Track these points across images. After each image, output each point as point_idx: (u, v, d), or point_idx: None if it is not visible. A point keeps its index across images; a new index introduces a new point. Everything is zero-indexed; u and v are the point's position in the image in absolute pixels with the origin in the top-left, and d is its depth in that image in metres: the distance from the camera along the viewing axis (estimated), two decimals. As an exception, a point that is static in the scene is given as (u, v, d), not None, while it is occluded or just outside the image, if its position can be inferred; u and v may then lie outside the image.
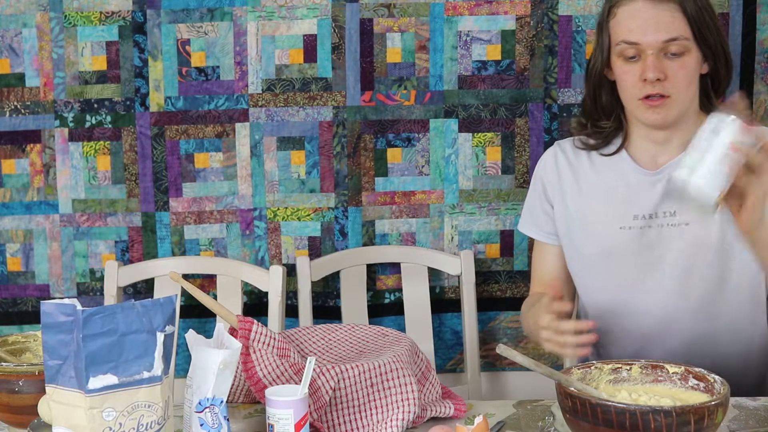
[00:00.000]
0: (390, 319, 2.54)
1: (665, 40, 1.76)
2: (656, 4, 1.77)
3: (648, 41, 1.76)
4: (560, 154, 1.99)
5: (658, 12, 1.77)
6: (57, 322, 1.24)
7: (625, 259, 1.87)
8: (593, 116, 1.93)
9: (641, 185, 1.87)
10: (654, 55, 1.76)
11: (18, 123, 2.47)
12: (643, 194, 1.87)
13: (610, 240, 1.88)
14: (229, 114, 2.47)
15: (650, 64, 1.76)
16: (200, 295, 1.57)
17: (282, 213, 2.51)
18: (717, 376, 1.48)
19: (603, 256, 1.89)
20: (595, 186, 1.93)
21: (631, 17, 1.78)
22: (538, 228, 2.03)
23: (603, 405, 1.36)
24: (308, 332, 1.76)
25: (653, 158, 1.88)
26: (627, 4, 1.80)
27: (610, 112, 1.92)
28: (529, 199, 2.06)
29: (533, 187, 2.04)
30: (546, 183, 2.00)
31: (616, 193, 1.89)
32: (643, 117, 1.81)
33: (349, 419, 1.57)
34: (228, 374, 1.41)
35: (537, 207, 2.02)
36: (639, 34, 1.77)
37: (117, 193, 2.49)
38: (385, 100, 2.47)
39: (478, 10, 2.45)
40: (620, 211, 1.87)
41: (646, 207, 1.86)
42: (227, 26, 2.44)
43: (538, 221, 2.03)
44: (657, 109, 1.79)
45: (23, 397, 1.52)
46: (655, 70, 1.75)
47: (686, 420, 1.33)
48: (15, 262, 2.52)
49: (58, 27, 2.44)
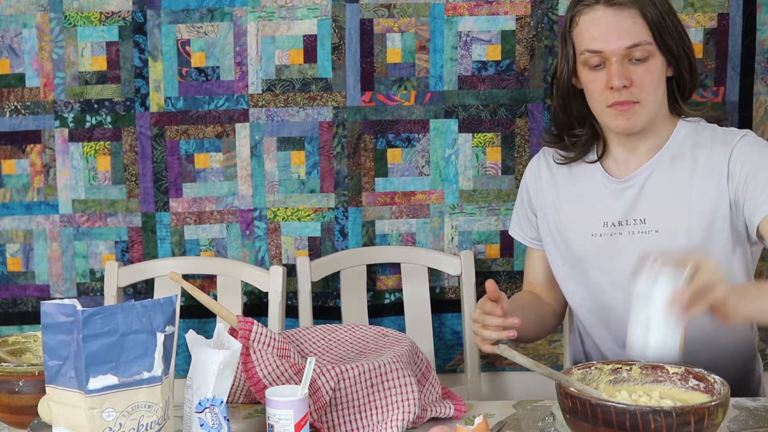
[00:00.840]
0: (390, 319, 2.54)
1: (628, 46, 1.76)
2: (617, 11, 1.77)
3: (611, 48, 1.76)
4: (543, 162, 2.02)
5: (619, 19, 1.76)
6: (57, 322, 1.24)
7: (598, 265, 1.89)
8: (567, 127, 1.94)
9: (611, 193, 1.89)
10: (618, 62, 1.76)
11: (18, 123, 2.47)
12: (612, 202, 1.88)
13: (582, 248, 1.90)
14: (229, 114, 2.47)
15: (615, 71, 1.76)
16: (200, 296, 1.57)
17: (282, 213, 2.51)
18: (717, 376, 1.48)
19: (577, 263, 1.92)
20: (570, 194, 1.95)
21: (593, 25, 1.78)
22: (524, 233, 2.07)
23: (603, 405, 1.36)
24: (308, 332, 1.77)
25: (625, 164, 1.89)
26: (587, 12, 1.79)
27: (583, 121, 1.92)
28: (517, 204, 2.09)
29: (519, 194, 2.08)
30: (530, 191, 2.03)
31: (588, 201, 1.91)
32: (613, 124, 1.81)
33: (349, 419, 1.57)
34: (228, 374, 1.41)
35: (521, 213, 2.07)
36: (602, 42, 1.77)
37: (117, 194, 2.49)
38: (385, 100, 2.47)
39: (478, 11, 2.45)
40: (592, 219, 1.89)
41: (615, 214, 1.87)
42: (227, 26, 2.44)
43: (523, 226, 2.07)
44: (626, 114, 1.79)
45: (23, 398, 1.52)
46: (621, 77, 1.76)
47: (686, 420, 1.33)
48: (15, 263, 2.52)
49: (58, 27, 2.44)
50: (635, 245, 1.82)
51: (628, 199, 1.87)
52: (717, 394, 1.44)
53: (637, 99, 1.78)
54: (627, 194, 1.87)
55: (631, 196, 1.86)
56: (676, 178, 1.84)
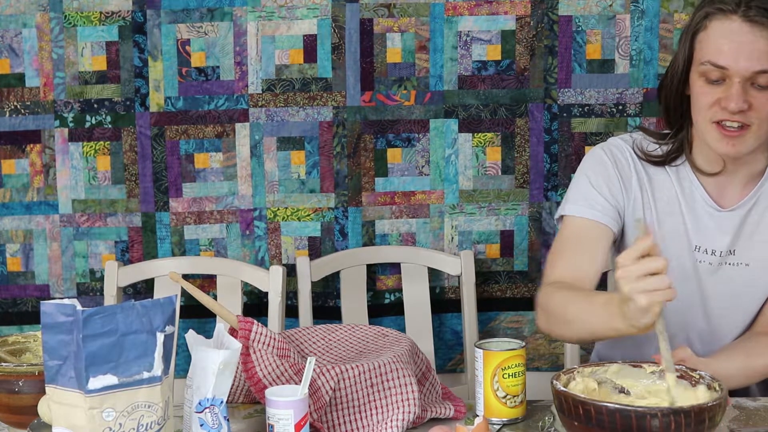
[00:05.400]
0: (390, 319, 2.54)
1: (757, 71, 1.60)
2: (753, 29, 1.60)
3: (738, 68, 1.60)
4: (633, 151, 1.81)
5: (756, 38, 1.60)
6: (57, 322, 1.24)
7: (685, 285, 1.76)
8: (673, 126, 1.78)
9: (711, 218, 1.76)
10: (741, 84, 1.61)
11: (18, 123, 2.47)
12: (711, 228, 1.76)
13: (679, 263, 1.75)
14: (229, 114, 2.47)
15: (736, 93, 1.60)
16: (200, 296, 1.57)
17: (282, 213, 2.51)
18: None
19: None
20: (667, 200, 1.79)
21: (724, 37, 1.62)
22: (593, 208, 1.77)
23: (601, 406, 1.35)
24: (308, 332, 1.76)
25: (719, 186, 1.77)
26: (721, 20, 1.62)
27: (677, 130, 1.78)
28: (593, 175, 1.79)
29: (599, 169, 1.80)
30: (620, 168, 1.79)
31: (686, 218, 1.78)
32: (715, 145, 1.67)
33: (349, 419, 1.57)
34: (228, 374, 1.41)
35: (602, 186, 1.78)
36: (729, 59, 1.60)
37: (117, 194, 2.49)
38: (385, 100, 2.47)
39: (478, 11, 2.45)
40: (683, 238, 1.77)
41: (709, 241, 1.76)
42: (227, 26, 2.44)
43: (596, 201, 1.77)
44: (733, 140, 1.64)
45: (23, 398, 1.51)
46: (740, 101, 1.60)
47: (686, 420, 1.33)
48: (15, 263, 2.52)
49: (58, 27, 2.44)
50: (719, 276, 1.76)
51: (726, 230, 1.75)
52: (717, 394, 1.44)
53: (750, 122, 1.63)
54: (726, 224, 1.75)
55: (730, 226, 1.75)
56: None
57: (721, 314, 1.80)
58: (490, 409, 1.57)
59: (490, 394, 1.57)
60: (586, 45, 2.45)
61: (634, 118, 2.46)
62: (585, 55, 2.46)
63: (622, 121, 2.46)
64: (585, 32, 2.45)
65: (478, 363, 1.58)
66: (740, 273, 1.77)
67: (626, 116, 2.46)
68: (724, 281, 1.78)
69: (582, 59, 2.46)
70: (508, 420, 1.58)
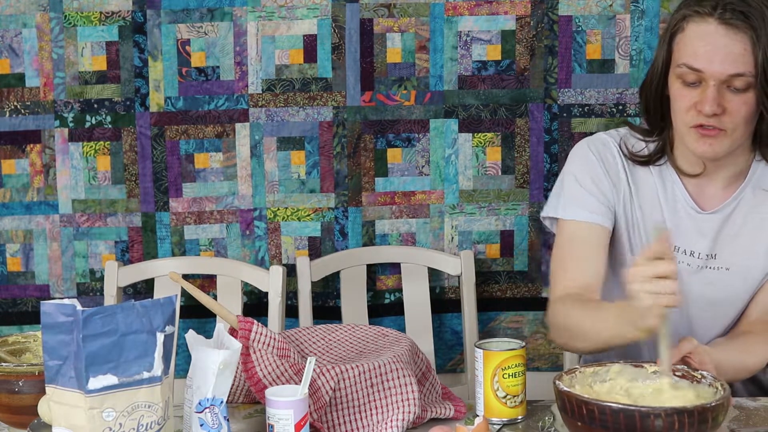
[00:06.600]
0: (390, 319, 2.54)
1: (731, 74, 1.60)
2: (729, 32, 1.59)
3: (712, 71, 1.60)
4: (619, 148, 1.81)
5: (730, 41, 1.59)
6: (57, 322, 1.24)
7: None
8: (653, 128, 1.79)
9: (692, 221, 1.77)
10: (716, 87, 1.61)
11: (18, 123, 2.47)
12: (692, 230, 1.77)
13: None
14: (229, 114, 2.47)
15: (710, 96, 1.61)
16: (200, 296, 1.57)
17: (282, 213, 2.51)
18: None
19: None
20: (649, 198, 1.79)
21: (700, 39, 1.62)
22: (586, 209, 1.78)
23: (602, 406, 1.35)
24: (308, 332, 1.76)
25: (699, 187, 1.77)
26: (698, 22, 1.62)
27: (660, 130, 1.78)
28: (580, 178, 1.80)
29: (588, 167, 1.80)
30: (607, 165, 1.80)
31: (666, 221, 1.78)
32: (693, 146, 1.67)
33: (349, 419, 1.57)
34: (228, 374, 1.41)
35: (594, 182, 1.79)
36: (704, 61, 1.61)
37: (117, 194, 2.49)
38: (385, 100, 2.47)
39: (478, 10, 2.45)
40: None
41: (690, 243, 1.76)
42: (227, 26, 2.44)
43: (588, 202, 1.78)
44: (710, 140, 1.64)
45: (23, 398, 1.51)
46: (714, 104, 1.60)
47: (689, 420, 1.33)
48: (15, 263, 2.52)
49: (58, 27, 2.44)
50: (699, 279, 1.76)
51: (706, 233, 1.75)
52: (718, 394, 1.44)
53: (724, 127, 1.63)
54: (706, 226, 1.75)
55: (710, 229, 1.75)
56: (759, 215, 1.76)
57: (700, 316, 1.80)
58: (490, 409, 1.57)
59: (490, 394, 1.57)
60: (586, 45, 2.45)
61: (633, 118, 2.46)
62: (585, 55, 2.46)
63: (622, 121, 2.46)
64: (585, 32, 2.45)
65: (478, 363, 1.58)
66: (720, 277, 1.77)
67: (626, 116, 2.46)
68: (704, 284, 1.78)
69: (582, 59, 2.46)
70: (508, 420, 1.58)
